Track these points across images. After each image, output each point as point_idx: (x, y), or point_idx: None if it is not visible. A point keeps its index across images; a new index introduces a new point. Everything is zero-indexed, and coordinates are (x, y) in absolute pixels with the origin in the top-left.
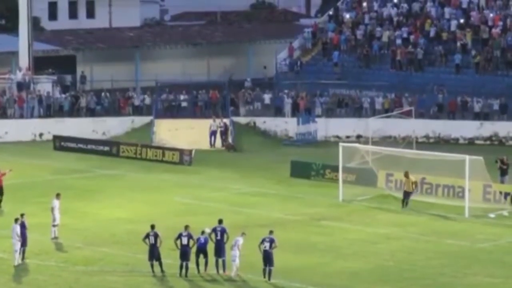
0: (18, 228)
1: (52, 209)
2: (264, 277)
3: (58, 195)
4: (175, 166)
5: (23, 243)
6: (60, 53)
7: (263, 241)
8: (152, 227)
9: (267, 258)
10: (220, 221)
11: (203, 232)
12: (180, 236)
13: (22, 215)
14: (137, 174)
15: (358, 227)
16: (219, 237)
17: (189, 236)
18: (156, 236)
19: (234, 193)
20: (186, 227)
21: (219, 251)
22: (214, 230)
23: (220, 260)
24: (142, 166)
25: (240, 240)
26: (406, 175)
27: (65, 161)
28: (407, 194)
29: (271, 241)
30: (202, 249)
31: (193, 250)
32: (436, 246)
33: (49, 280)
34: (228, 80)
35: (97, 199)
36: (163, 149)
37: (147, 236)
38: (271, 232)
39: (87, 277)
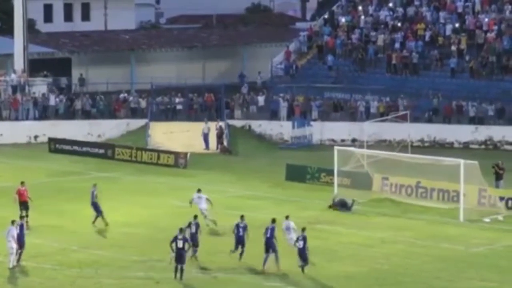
0: (14, 231)
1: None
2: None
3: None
4: (170, 169)
5: (21, 246)
6: (55, 56)
7: (297, 239)
8: (181, 230)
9: (301, 255)
10: (242, 217)
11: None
12: (175, 239)
13: (22, 217)
14: (132, 177)
15: (353, 231)
16: (241, 233)
17: (185, 239)
18: (185, 240)
19: (230, 196)
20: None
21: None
22: (237, 226)
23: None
24: (137, 169)
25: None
26: None
27: (60, 164)
28: None
29: (304, 239)
30: (240, 240)
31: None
32: (431, 250)
33: (44, 283)
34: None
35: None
36: (158, 152)
37: (175, 239)
38: (303, 229)
39: (82, 280)
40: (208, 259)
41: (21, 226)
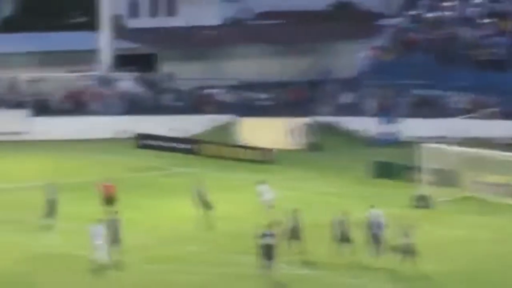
0: (100, 228)
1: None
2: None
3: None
4: (256, 165)
5: (115, 241)
6: (141, 51)
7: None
8: (269, 226)
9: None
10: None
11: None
12: (263, 235)
13: (115, 212)
14: (217, 173)
15: (441, 229)
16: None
17: (272, 235)
18: (273, 236)
19: (315, 192)
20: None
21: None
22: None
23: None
24: (222, 165)
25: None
26: None
27: (146, 159)
28: None
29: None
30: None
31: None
32: None
33: (128, 279)
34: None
35: (176, 197)
36: (244, 147)
37: (263, 235)
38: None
39: (167, 275)
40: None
41: (115, 222)
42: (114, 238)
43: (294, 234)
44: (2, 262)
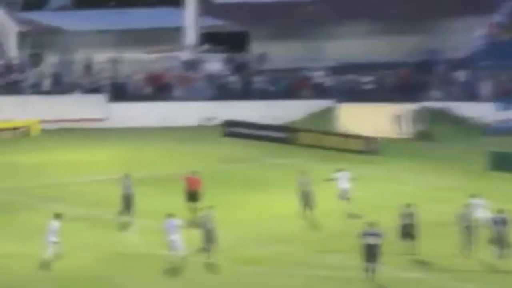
0: (174, 223)
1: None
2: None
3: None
4: (359, 156)
5: (210, 240)
6: (230, 29)
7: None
8: (371, 224)
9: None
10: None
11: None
12: (364, 234)
13: (210, 207)
14: (316, 165)
15: None
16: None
17: (376, 235)
18: (376, 235)
19: (424, 187)
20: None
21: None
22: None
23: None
24: (321, 155)
25: None
26: None
27: (235, 149)
28: None
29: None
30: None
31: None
32: None
33: (220, 281)
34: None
35: (269, 192)
36: (346, 136)
37: (365, 234)
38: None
39: (257, 278)
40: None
41: (208, 217)
42: (209, 237)
43: (407, 232)
44: (79, 261)
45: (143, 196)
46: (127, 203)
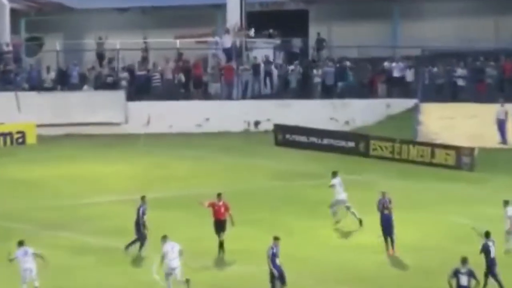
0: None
1: None
2: None
3: None
4: (450, 171)
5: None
6: (284, 8)
7: None
8: (464, 261)
9: None
10: None
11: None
12: (456, 273)
13: (276, 238)
14: (393, 182)
15: None
16: None
17: (470, 274)
18: (470, 275)
19: None
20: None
21: None
22: None
23: None
24: (401, 170)
25: None
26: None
27: (290, 162)
28: None
29: None
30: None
31: None
32: None
33: None
34: None
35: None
36: (433, 146)
37: (456, 273)
38: None
39: None
40: None
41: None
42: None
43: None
44: None
45: (171, 221)
46: (139, 233)
